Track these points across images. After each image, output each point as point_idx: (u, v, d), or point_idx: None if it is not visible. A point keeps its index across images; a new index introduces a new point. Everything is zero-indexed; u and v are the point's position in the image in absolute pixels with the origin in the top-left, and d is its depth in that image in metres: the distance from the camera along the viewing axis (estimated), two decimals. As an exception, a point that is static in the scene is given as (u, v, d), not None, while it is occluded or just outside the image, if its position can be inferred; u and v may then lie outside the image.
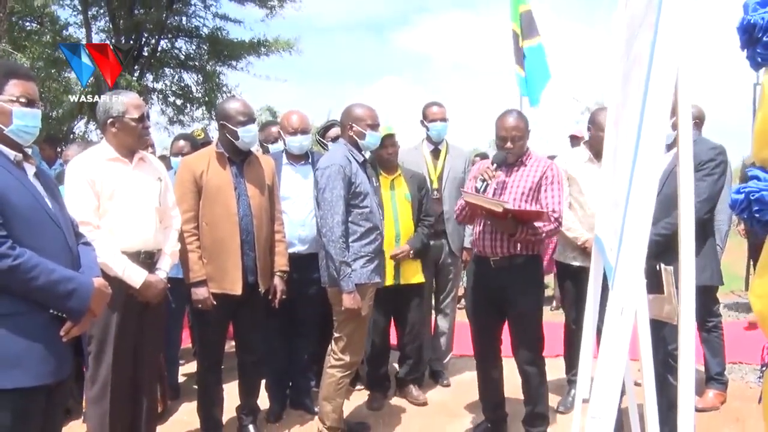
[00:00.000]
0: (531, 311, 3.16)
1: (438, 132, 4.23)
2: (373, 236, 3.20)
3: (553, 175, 3.15)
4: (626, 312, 1.31)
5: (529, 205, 3.11)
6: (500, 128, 3.17)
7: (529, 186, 3.13)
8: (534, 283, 3.18)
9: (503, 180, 3.18)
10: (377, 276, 3.25)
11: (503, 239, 3.12)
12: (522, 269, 3.13)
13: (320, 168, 3.19)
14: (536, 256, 3.19)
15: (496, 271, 3.15)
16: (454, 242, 4.21)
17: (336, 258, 3.05)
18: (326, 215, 3.09)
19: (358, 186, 3.15)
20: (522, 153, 3.20)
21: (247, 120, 3.16)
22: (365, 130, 3.24)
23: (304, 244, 3.57)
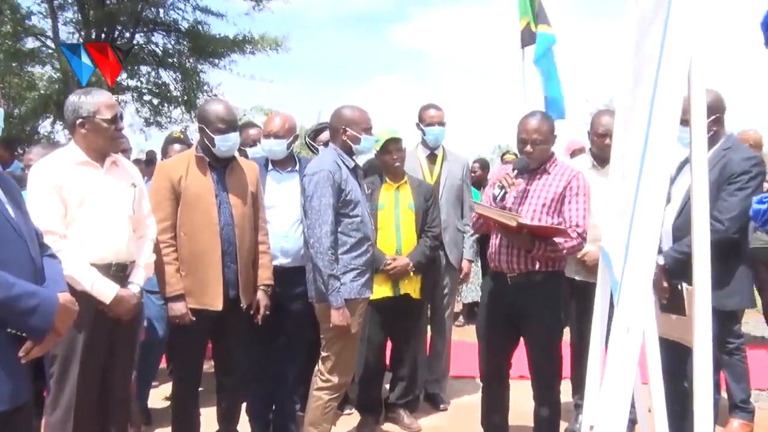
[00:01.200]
0: (549, 333, 3.15)
1: (435, 137, 4.26)
2: (364, 248, 3.21)
3: (578, 186, 3.13)
4: (633, 331, 1.31)
5: (550, 218, 3.11)
6: (521, 130, 3.18)
7: (551, 197, 3.12)
8: (554, 303, 3.16)
9: (524, 188, 3.18)
10: (368, 290, 3.27)
11: (521, 254, 3.10)
12: (541, 287, 3.11)
13: (308, 174, 3.20)
14: (557, 273, 3.17)
15: (512, 288, 3.14)
16: (452, 254, 4.22)
17: (324, 271, 3.05)
18: (314, 225, 3.09)
19: (349, 193, 3.16)
20: (545, 159, 3.18)
21: (227, 128, 3.15)
22: (360, 134, 3.26)
23: (287, 256, 3.56)
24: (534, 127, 3.12)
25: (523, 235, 3.01)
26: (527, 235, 3.01)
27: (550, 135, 3.17)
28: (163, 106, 12.55)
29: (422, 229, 3.89)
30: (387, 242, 3.75)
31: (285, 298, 3.52)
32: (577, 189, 3.13)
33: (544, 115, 3.21)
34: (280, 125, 3.63)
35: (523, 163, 3.15)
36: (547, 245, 3.04)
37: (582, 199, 3.12)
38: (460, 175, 4.28)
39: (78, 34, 11.26)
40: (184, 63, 12.13)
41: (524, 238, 3.03)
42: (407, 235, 3.83)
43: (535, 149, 3.13)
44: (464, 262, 4.28)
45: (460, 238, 4.27)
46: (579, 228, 3.08)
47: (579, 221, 3.09)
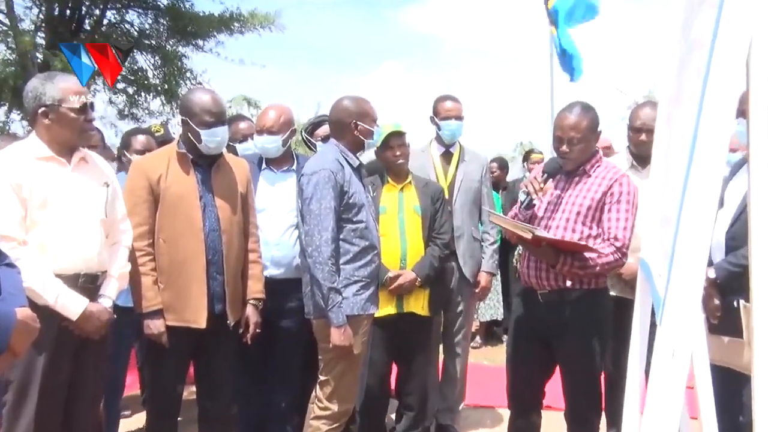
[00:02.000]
0: (586, 359, 3.15)
1: (451, 132, 4.28)
2: (369, 257, 3.22)
3: (620, 192, 3.10)
4: (679, 355, 1.30)
5: (587, 229, 3.10)
6: (556, 127, 3.17)
7: (588, 204, 3.10)
8: (592, 325, 3.15)
9: (557, 194, 3.18)
10: (373, 306, 3.28)
11: (549, 269, 3.11)
12: (576, 307, 3.11)
13: (306, 174, 3.21)
14: (596, 292, 3.16)
15: (544, 306, 3.16)
16: (467, 265, 4.23)
17: (323, 283, 3.06)
18: (312, 231, 3.10)
19: (352, 196, 3.17)
20: (583, 160, 3.16)
21: (215, 121, 3.16)
22: (372, 127, 3.30)
23: (279, 267, 3.58)
24: (571, 123, 3.09)
25: (543, 248, 3.02)
26: (548, 248, 3.02)
27: (590, 132, 3.12)
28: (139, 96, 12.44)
29: (430, 235, 3.90)
30: (390, 250, 3.77)
31: (277, 314, 3.53)
32: (618, 195, 3.09)
33: (584, 108, 3.14)
34: (275, 119, 3.64)
35: (554, 165, 3.16)
36: (573, 260, 3.03)
37: (624, 207, 3.09)
38: (479, 177, 4.29)
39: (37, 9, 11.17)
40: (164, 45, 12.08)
41: (545, 251, 3.03)
42: (413, 242, 3.84)
43: (573, 149, 3.10)
44: (482, 275, 4.29)
45: (477, 247, 4.27)
46: (618, 241, 3.04)
47: (618, 233, 3.05)
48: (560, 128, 3.13)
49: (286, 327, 3.58)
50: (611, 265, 3.08)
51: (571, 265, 3.02)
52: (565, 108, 3.19)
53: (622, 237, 3.05)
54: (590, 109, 3.16)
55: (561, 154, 3.14)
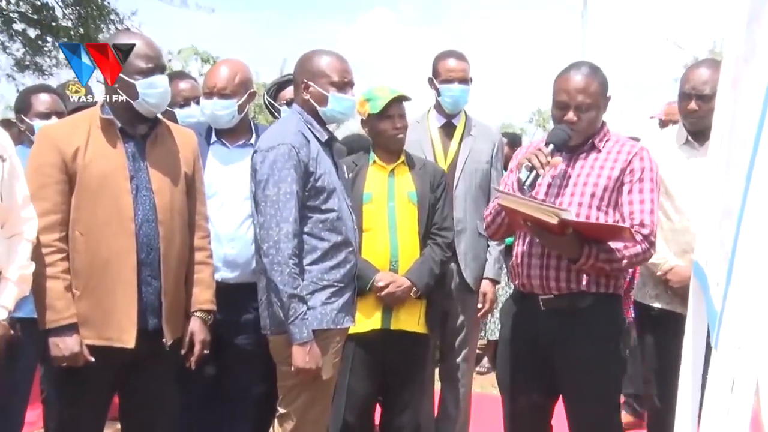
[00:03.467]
0: (602, 386, 3.19)
1: (454, 99, 4.30)
2: (342, 256, 3.25)
3: (642, 169, 3.18)
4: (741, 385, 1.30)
5: (602, 214, 3.16)
6: (559, 90, 3.21)
7: (604, 184, 3.17)
8: (608, 340, 3.20)
9: (563, 171, 3.23)
10: (348, 319, 3.31)
11: (560, 266, 3.15)
12: (589, 316, 3.15)
13: (260, 149, 3.21)
14: (613, 297, 3.22)
15: (546, 317, 3.19)
16: (469, 268, 4.26)
17: (283, 289, 3.07)
18: (269, 223, 3.11)
19: (320, 178, 3.19)
20: (593, 131, 3.23)
21: (153, 68, 3.15)
22: (328, 90, 3.29)
23: (233, 269, 3.60)
24: (579, 86, 3.15)
25: (567, 237, 3.02)
26: (573, 237, 3.03)
27: (601, 97, 3.20)
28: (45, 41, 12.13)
29: (428, 232, 3.91)
30: (377, 250, 3.77)
31: (231, 330, 3.54)
32: (641, 172, 3.17)
33: (593, 68, 3.23)
34: (228, 78, 3.65)
35: (561, 135, 3.17)
36: (599, 252, 3.07)
37: (648, 187, 3.17)
38: (488, 156, 4.32)
39: None
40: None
41: (569, 242, 3.04)
42: (407, 239, 3.86)
43: (581, 118, 3.16)
44: (485, 284, 4.32)
45: (483, 246, 4.30)
46: (645, 228, 3.11)
47: (645, 219, 3.12)
48: (565, 91, 3.18)
49: (242, 346, 3.59)
50: (639, 258, 3.16)
51: (596, 259, 3.07)
52: (568, 67, 3.25)
53: (650, 223, 3.13)
54: (598, 70, 3.25)
55: (568, 124, 3.18)
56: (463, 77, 4.31)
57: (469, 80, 4.35)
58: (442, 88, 4.30)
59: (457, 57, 4.35)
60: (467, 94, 4.35)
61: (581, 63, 3.29)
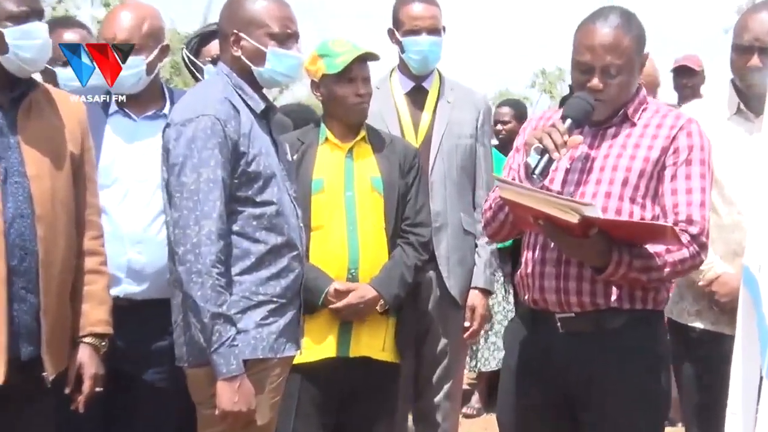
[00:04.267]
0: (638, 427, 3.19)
1: (423, 55, 4.32)
2: (284, 263, 3.22)
3: (691, 147, 3.15)
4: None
5: (638, 208, 3.15)
6: (580, 47, 3.16)
7: (639, 168, 3.15)
8: (648, 371, 3.20)
9: (586, 153, 3.20)
10: (292, 345, 3.28)
11: (582, 278, 3.15)
12: (622, 340, 3.15)
13: (175, 122, 3.18)
14: (652, 315, 3.23)
15: (566, 341, 3.19)
16: (454, 275, 4.28)
17: (204, 307, 3.03)
18: (186, 220, 3.07)
19: (254, 161, 3.16)
20: (625, 100, 3.21)
21: (28, 12, 3.11)
22: (265, 44, 3.25)
23: (140, 281, 3.58)
24: (607, 41, 3.11)
25: (591, 240, 2.99)
26: (599, 239, 3.00)
27: (635, 55, 3.16)
28: None
29: (398, 229, 3.93)
30: (330, 254, 3.79)
31: (135, 361, 3.51)
32: (688, 152, 3.15)
33: (626, 16, 3.19)
34: (132, 28, 3.62)
35: (582, 107, 3.12)
36: (633, 258, 3.04)
37: (698, 171, 3.15)
38: (471, 129, 4.34)
39: None
40: None
41: (593, 245, 3.01)
42: (370, 239, 3.88)
43: (610, 84, 3.12)
44: (473, 296, 4.33)
45: (470, 247, 4.31)
46: (693, 226, 3.08)
47: (694, 213, 3.10)
48: (588, 49, 3.12)
49: (150, 382, 3.57)
50: (686, 266, 3.12)
51: (629, 267, 3.04)
52: (592, 16, 3.20)
53: (700, 219, 3.10)
54: (633, 18, 3.21)
55: (591, 92, 3.13)
56: (433, 26, 4.31)
57: (442, 30, 4.35)
58: (407, 41, 4.30)
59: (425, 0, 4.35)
60: (439, 47, 4.35)
61: (609, 9, 3.22)
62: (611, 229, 3.01)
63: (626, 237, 3.04)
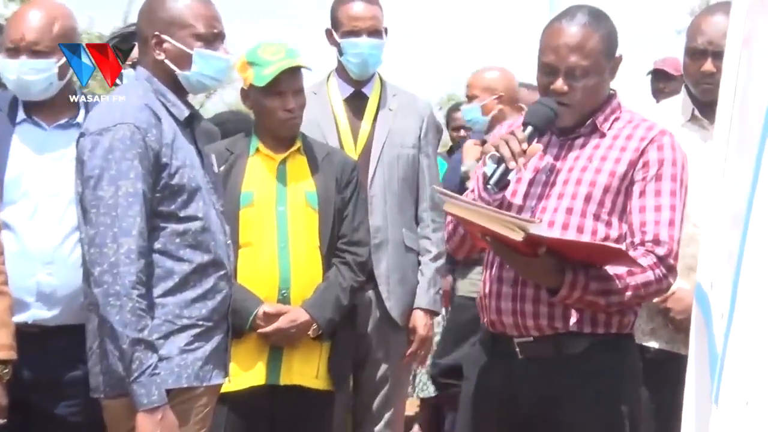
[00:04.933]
0: None
1: (362, 59, 4.34)
2: (209, 283, 3.22)
3: (661, 162, 3.17)
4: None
5: (602, 226, 3.17)
6: (545, 47, 3.21)
7: (604, 182, 3.18)
8: (617, 401, 3.21)
9: (551, 165, 3.22)
10: (218, 373, 3.27)
11: (538, 298, 3.16)
12: (585, 367, 3.18)
13: (90, 131, 3.16)
14: (619, 341, 3.24)
15: (526, 368, 3.21)
16: (395, 295, 4.30)
17: (123, 332, 3.01)
18: (103, 238, 3.06)
19: (177, 173, 3.15)
20: (593, 106, 3.23)
21: None
22: (191, 46, 3.24)
23: (51, 304, 3.56)
24: (572, 41, 3.14)
25: (541, 259, 3.02)
26: (549, 258, 3.02)
27: (605, 58, 3.19)
28: None
29: (334, 247, 3.94)
30: (260, 273, 3.79)
31: (45, 392, 3.48)
32: (658, 167, 3.17)
33: (594, 16, 3.21)
34: (42, 28, 3.60)
35: (543, 113, 3.15)
36: (589, 280, 3.05)
37: (668, 188, 3.17)
38: (414, 138, 4.36)
39: None
40: None
41: (542, 265, 3.04)
42: (303, 258, 3.89)
43: (574, 87, 3.15)
44: (416, 316, 4.35)
45: (412, 265, 4.33)
46: (660, 247, 3.10)
47: (662, 233, 3.12)
48: (552, 50, 3.16)
49: (63, 416, 3.55)
50: (650, 290, 3.14)
51: (585, 290, 3.05)
52: (559, 15, 3.24)
53: (668, 240, 3.11)
54: (602, 17, 3.23)
55: (555, 96, 3.16)
56: (374, 27, 4.32)
57: (383, 32, 4.36)
58: (345, 43, 4.32)
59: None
60: (380, 51, 4.36)
61: (577, 8, 3.22)
62: (563, 249, 3.04)
63: (580, 258, 3.07)
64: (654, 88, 7.46)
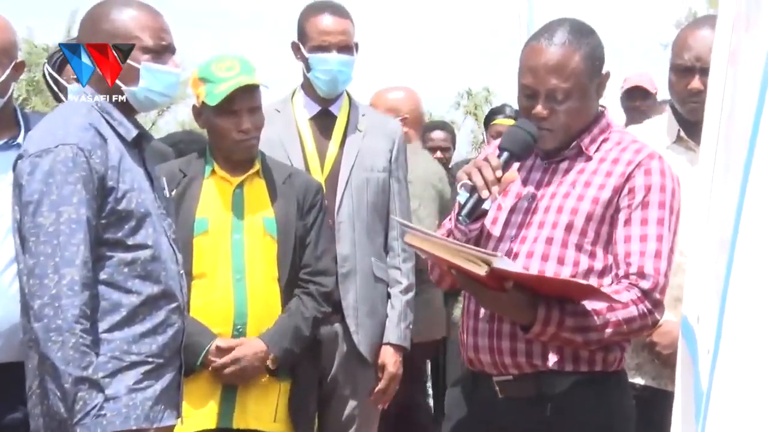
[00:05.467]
0: None
1: (332, 76, 4.35)
2: (160, 316, 3.21)
3: (648, 187, 3.17)
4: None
5: (588, 257, 3.18)
6: (524, 68, 3.21)
7: (587, 210, 3.18)
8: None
9: (528, 192, 3.23)
10: (171, 411, 3.26)
11: (515, 335, 3.16)
12: (570, 407, 3.18)
13: (28, 153, 3.14)
14: (605, 379, 3.24)
15: (507, 408, 3.22)
16: (363, 329, 4.30)
17: (65, 371, 2.99)
18: (44, 268, 3.04)
19: (125, 197, 3.14)
20: (579, 129, 3.24)
21: None
22: (138, 60, 3.24)
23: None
24: (552, 62, 3.14)
25: (510, 294, 3.01)
26: (519, 293, 3.02)
27: (586, 77, 3.18)
28: None
29: (295, 277, 3.94)
30: (214, 306, 3.80)
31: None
32: (645, 193, 3.17)
33: (576, 32, 3.21)
34: None
35: (521, 138, 3.15)
36: (565, 316, 3.06)
37: (656, 216, 3.17)
38: (384, 161, 4.38)
39: None
40: None
41: (512, 300, 3.03)
42: (261, 290, 3.89)
43: (556, 111, 3.15)
44: (385, 352, 4.37)
45: (381, 297, 4.35)
46: (645, 281, 3.10)
47: (647, 265, 3.11)
48: (531, 71, 3.16)
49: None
50: (634, 326, 3.11)
51: (561, 326, 3.06)
52: (539, 31, 3.25)
53: (653, 273, 3.10)
54: (585, 32, 3.23)
55: (535, 120, 3.16)
56: (345, 43, 4.34)
57: (354, 47, 4.39)
58: (314, 59, 4.33)
59: (335, 11, 4.39)
60: (350, 68, 4.38)
61: (558, 23, 3.22)
62: (532, 284, 3.05)
63: (553, 293, 3.07)
64: (628, 105, 7.51)
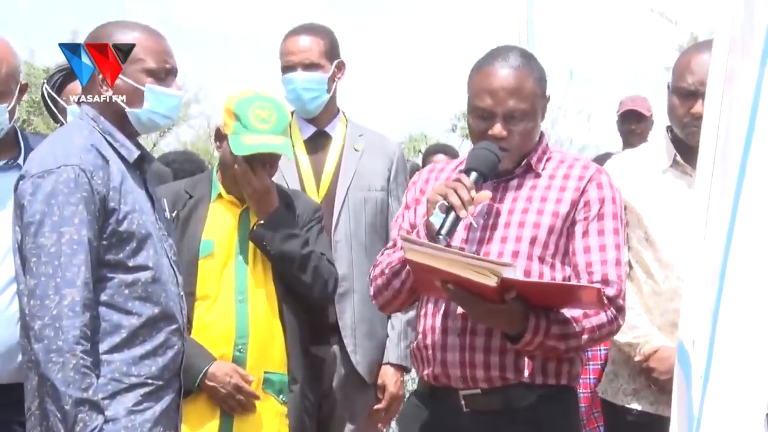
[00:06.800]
0: None
1: (296, 95, 4.37)
2: (160, 338, 3.19)
3: (602, 200, 3.26)
4: None
5: (550, 268, 3.22)
6: (479, 91, 3.26)
7: (548, 224, 3.24)
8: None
9: (488, 208, 3.25)
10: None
11: (489, 348, 3.18)
12: (535, 420, 3.19)
13: (30, 173, 3.13)
14: (565, 392, 3.30)
15: (472, 422, 3.22)
16: (362, 349, 4.29)
17: (65, 392, 2.97)
18: (45, 289, 3.03)
19: (126, 218, 3.13)
20: (529, 148, 3.31)
21: None
22: (142, 82, 3.23)
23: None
24: (509, 84, 3.21)
25: (508, 305, 3.03)
26: (516, 304, 3.04)
27: (538, 99, 3.28)
28: None
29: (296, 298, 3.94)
30: (215, 328, 3.79)
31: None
32: (600, 206, 3.25)
33: (526, 57, 3.33)
34: None
35: (488, 158, 3.19)
36: (551, 324, 3.10)
37: (611, 226, 3.25)
38: (382, 180, 4.38)
39: None
40: None
41: (509, 312, 3.05)
42: (262, 313, 3.88)
43: (513, 132, 3.22)
44: (385, 372, 4.35)
45: (380, 317, 4.30)
46: (610, 287, 3.15)
47: (610, 273, 3.19)
48: (488, 93, 3.21)
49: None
50: (603, 332, 3.21)
51: (547, 335, 3.10)
52: (489, 55, 3.29)
53: (616, 279, 3.19)
54: (533, 58, 3.36)
55: (494, 140, 3.20)
56: (308, 60, 4.33)
57: (327, 65, 4.35)
58: (282, 79, 4.35)
59: (303, 31, 4.42)
60: (319, 84, 4.34)
61: (507, 49, 3.34)
62: (534, 293, 3.07)
63: (543, 301, 3.10)
64: (624, 129, 7.57)
